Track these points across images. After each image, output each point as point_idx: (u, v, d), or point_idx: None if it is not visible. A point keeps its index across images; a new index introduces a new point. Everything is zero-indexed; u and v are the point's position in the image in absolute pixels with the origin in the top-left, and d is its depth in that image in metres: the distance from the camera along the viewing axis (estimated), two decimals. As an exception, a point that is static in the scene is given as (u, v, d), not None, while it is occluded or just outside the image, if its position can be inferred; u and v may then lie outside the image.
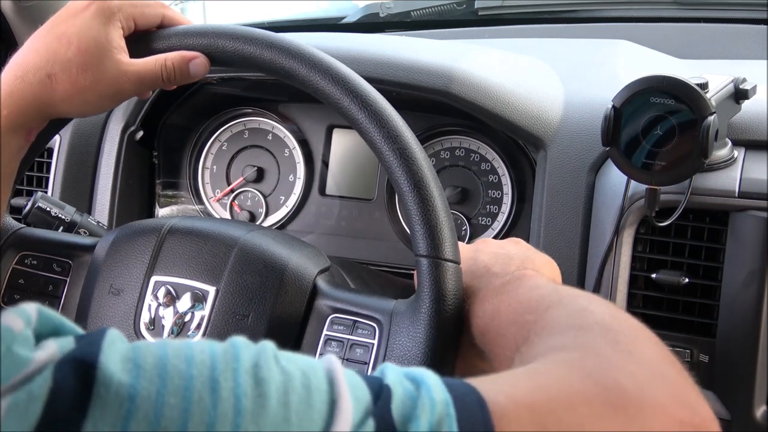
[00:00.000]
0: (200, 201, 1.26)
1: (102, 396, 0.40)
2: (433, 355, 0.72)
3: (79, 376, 0.40)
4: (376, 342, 0.76)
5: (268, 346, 0.46)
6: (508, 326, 0.64)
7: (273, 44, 0.77)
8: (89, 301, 0.82)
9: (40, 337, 0.43)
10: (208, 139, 1.25)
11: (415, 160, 0.74)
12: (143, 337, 0.79)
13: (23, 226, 0.91)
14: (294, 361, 0.46)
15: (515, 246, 0.79)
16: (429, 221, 0.73)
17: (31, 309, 0.44)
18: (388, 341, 0.75)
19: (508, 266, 0.74)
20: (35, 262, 0.87)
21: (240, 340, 0.46)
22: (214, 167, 1.26)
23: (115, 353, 0.42)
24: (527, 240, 1.01)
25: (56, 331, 0.45)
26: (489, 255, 0.77)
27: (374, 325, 0.77)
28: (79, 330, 0.46)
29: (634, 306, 0.93)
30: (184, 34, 0.80)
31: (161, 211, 1.25)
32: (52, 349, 0.42)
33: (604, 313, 0.57)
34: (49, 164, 1.18)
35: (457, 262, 0.74)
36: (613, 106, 0.88)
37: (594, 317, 0.56)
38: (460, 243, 0.82)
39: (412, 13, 1.58)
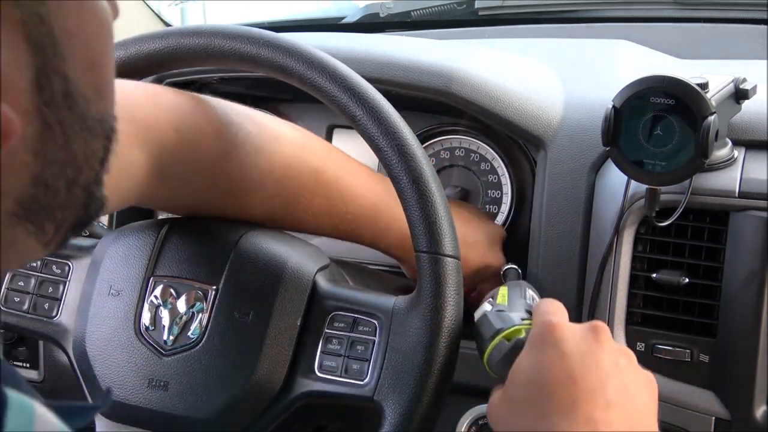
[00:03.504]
0: (200, 201, 1.26)
1: None
2: (434, 351, 0.72)
3: None
4: (377, 339, 0.76)
5: None
6: None
7: (269, 43, 0.77)
8: (89, 303, 0.82)
9: None
10: (208, 140, 1.25)
11: (413, 156, 0.74)
12: (144, 337, 0.79)
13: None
14: None
15: (622, 356, 0.67)
16: (428, 217, 0.73)
17: None
18: (389, 338, 0.75)
19: (602, 391, 0.63)
20: (34, 264, 0.87)
21: None
22: (214, 167, 1.25)
23: None
24: (527, 240, 1.01)
25: None
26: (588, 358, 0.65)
27: (375, 321, 0.77)
28: None
29: (634, 306, 0.93)
30: (180, 34, 0.80)
31: (161, 212, 1.25)
32: None
33: None
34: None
35: (457, 258, 0.74)
36: (613, 106, 0.88)
37: None
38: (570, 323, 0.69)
39: (412, 13, 1.57)
